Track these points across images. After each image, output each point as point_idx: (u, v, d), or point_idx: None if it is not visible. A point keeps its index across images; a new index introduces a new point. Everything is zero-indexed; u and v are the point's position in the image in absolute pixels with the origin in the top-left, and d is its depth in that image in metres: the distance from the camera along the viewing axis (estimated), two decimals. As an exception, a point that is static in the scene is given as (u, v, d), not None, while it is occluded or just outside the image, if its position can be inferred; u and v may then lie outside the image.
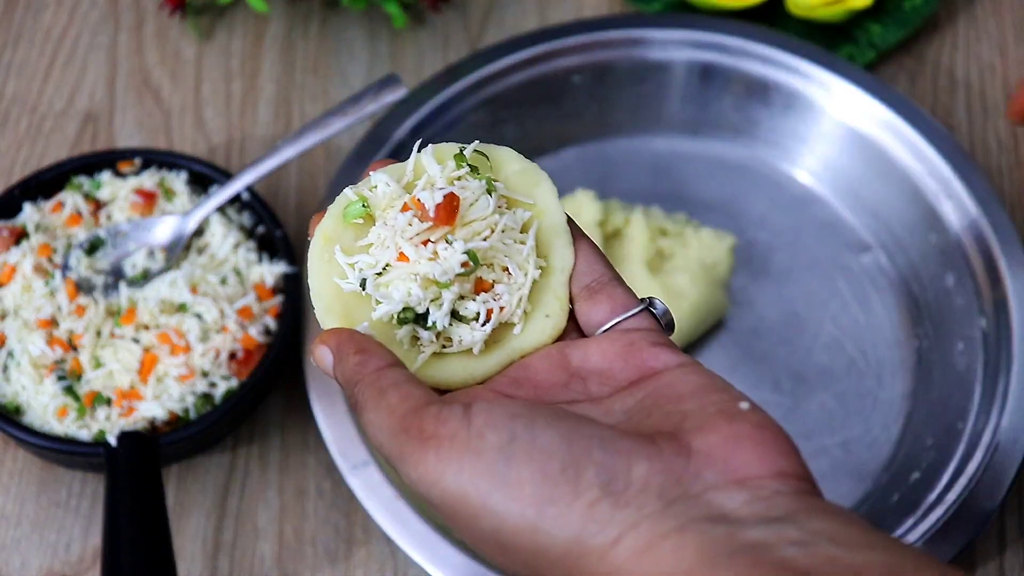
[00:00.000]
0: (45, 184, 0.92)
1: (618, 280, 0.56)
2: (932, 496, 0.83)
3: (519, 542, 0.47)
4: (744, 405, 0.49)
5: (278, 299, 0.89)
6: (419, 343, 0.56)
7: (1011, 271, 0.89)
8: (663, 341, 0.54)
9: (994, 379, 0.87)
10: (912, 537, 0.81)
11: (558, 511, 0.46)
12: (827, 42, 1.05)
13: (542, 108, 1.01)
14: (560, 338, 0.56)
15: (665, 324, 0.55)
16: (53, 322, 0.86)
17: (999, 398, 0.85)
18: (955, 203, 0.93)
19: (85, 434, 0.83)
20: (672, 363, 0.52)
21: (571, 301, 0.56)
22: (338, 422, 0.85)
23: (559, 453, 0.47)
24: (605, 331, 0.55)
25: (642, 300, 0.55)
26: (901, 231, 0.97)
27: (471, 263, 0.54)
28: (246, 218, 0.92)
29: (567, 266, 0.56)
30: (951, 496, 0.82)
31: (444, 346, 0.56)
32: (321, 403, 0.85)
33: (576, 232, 0.57)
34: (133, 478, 0.80)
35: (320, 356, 0.54)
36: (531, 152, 0.83)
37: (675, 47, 1.00)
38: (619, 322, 0.54)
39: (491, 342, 0.56)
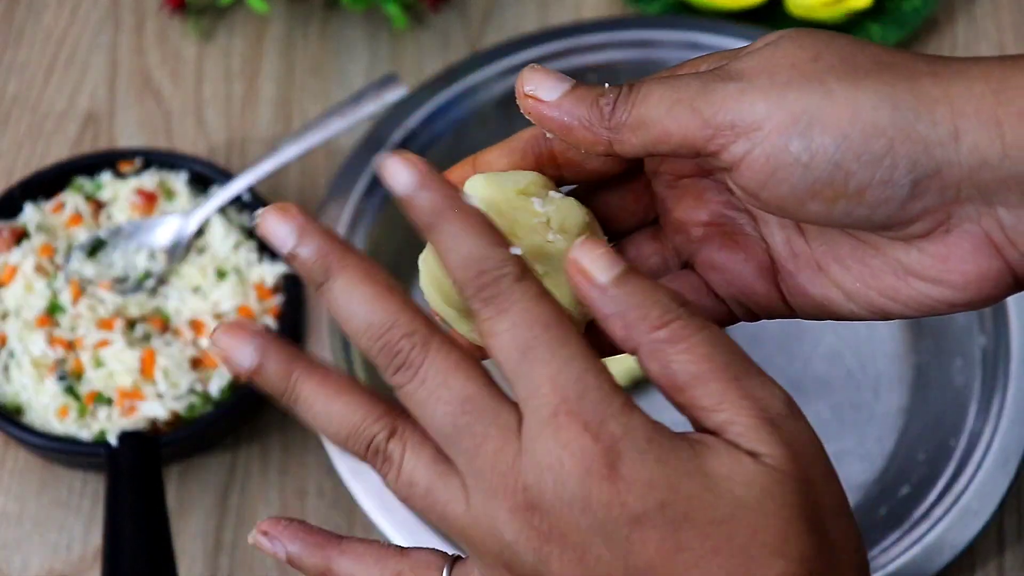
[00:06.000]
0: (46, 184, 0.92)
1: None
2: (919, 512, 0.83)
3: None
4: None
5: (278, 299, 0.89)
6: None
7: None
8: None
9: (989, 397, 0.86)
10: (895, 551, 0.81)
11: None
12: (827, 43, 1.05)
13: (543, 109, 1.00)
14: None
15: None
16: (54, 322, 0.86)
17: (993, 417, 0.85)
18: None
19: (86, 434, 0.84)
20: None
21: None
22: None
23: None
24: None
25: None
26: None
27: None
28: (246, 218, 0.92)
29: None
30: (938, 511, 0.82)
31: None
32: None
33: None
34: (134, 478, 0.81)
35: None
36: (531, 153, 0.83)
37: (676, 48, 0.99)
38: None
39: None
